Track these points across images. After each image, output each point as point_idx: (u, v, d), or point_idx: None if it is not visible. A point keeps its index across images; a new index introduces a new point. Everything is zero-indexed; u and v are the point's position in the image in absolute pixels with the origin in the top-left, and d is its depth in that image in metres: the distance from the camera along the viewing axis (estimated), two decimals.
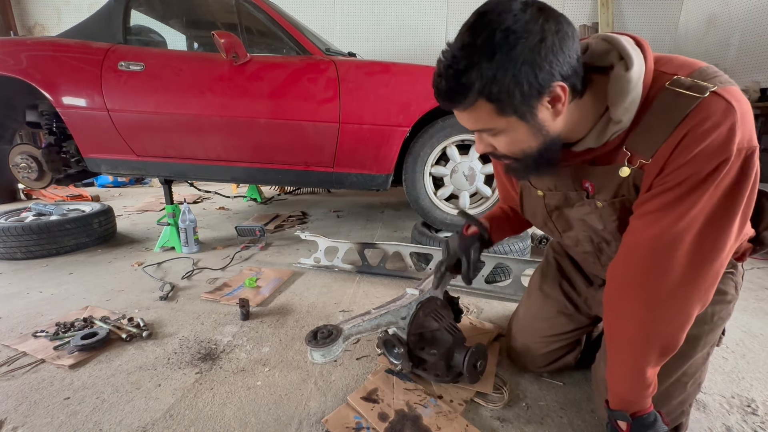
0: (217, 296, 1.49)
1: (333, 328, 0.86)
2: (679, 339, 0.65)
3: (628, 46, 0.59)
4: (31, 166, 2.18)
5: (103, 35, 1.96)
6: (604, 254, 0.82)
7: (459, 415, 0.86)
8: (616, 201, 0.68)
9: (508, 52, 0.52)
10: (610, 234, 0.74)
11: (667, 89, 0.57)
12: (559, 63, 0.55)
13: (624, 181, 0.65)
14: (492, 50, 0.53)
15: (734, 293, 0.75)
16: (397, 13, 4.34)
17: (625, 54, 0.59)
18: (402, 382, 0.97)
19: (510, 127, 0.60)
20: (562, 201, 0.78)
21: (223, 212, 3.15)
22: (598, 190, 0.70)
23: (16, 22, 4.65)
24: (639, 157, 0.61)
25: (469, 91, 0.56)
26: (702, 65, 0.59)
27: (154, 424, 0.85)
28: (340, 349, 0.85)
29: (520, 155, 0.65)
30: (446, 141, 1.87)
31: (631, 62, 0.58)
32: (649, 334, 0.65)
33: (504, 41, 0.52)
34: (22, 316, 1.34)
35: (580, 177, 0.72)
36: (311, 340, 0.84)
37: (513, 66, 0.53)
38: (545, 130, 0.61)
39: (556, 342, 0.99)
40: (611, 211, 0.70)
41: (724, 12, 3.51)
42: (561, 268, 1.02)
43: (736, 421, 0.88)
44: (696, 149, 0.54)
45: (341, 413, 0.87)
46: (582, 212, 0.75)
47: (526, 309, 1.06)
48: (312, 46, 1.91)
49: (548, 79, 0.55)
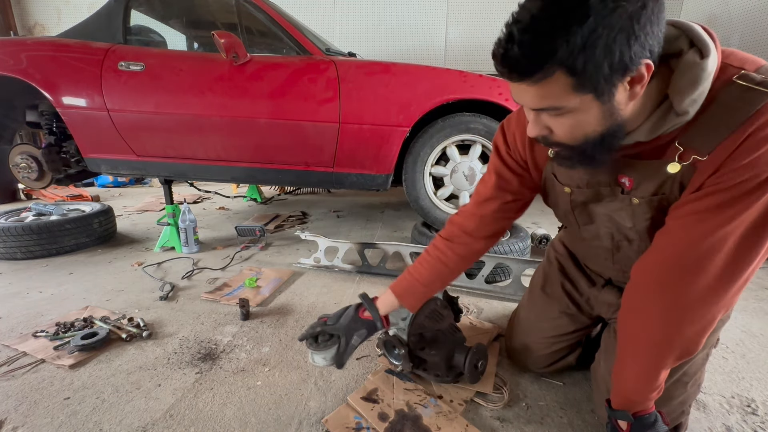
0: (217, 296, 1.49)
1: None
2: (699, 343, 0.63)
3: (703, 34, 0.54)
4: (31, 166, 2.18)
5: (103, 35, 1.96)
6: (621, 252, 0.79)
7: (459, 415, 0.86)
8: (655, 199, 0.64)
9: (606, 17, 0.45)
10: (637, 233, 0.71)
11: (734, 83, 0.53)
12: (653, 36, 0.48)
13: (669, 178, 0.61)
14: (585, 12, 0.45)
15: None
16: (397, 13, 4.33)
17: (700, 41, 0.53)
18: (402, 382, 0.97)
19: (581, 108, 0.53)
20: (591, 197, 0.73)
21: (223, 212, 3.15)
22: (637, 186, 0.65)
23: (16, 22, 4.64)
24: (693, 153, 0.57)
25: (550, 60, 0.48)
26: (766, 62, 0.55)
27: (154, 424, 0.85)
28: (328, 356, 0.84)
29: (578, 141, 0.58)
30: (446, 141, 1.88)
31: (708, 50, 0.53)
32: (672, 337, 0.63)
33: (601, 3, 0.44)
34: (22, 316, 1.34)
35: (617, 171, 0.67)
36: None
37: (608, 34, 0.45)
38: (617, 114, 0.54)
39: (557, 343, 0.98)
40: (647, 209, 0.66)
41: (724, 12, 3.51)
42: (563, 268, 1.02)
43: (736, 421, 0.88)
44: (760, 150, 0.51)
45: (341, 413, 0.87)
46: (611, 208, 0.72)
47: (528, 310, 1.06)
48: (312, 46, 1.91)
49: (639, 54, 0.48)
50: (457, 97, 1.79)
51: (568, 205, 0.79)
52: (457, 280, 1.61)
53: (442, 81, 1.82)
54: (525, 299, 1.10)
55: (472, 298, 1.52)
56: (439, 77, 1.84)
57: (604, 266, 0.91)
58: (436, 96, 1.80)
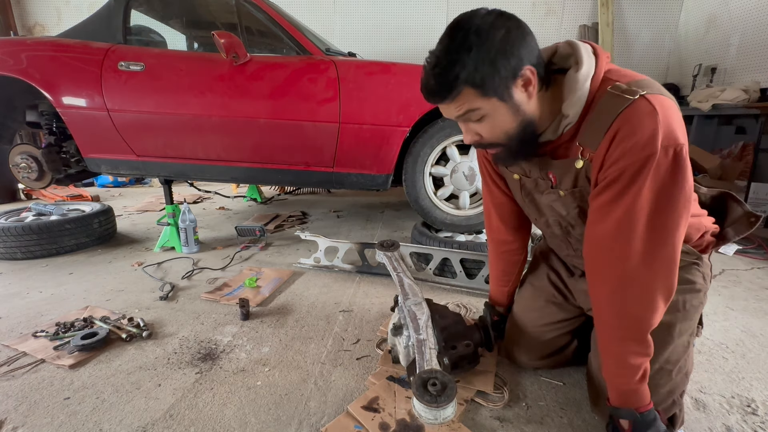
0: (217, 296, 1.49)
1: (445, 379, 0.79)
2: (648, 322, 0.69)
3: (584, 52, 0.69)
4: (31, 166, 2.18)
5: (103, 35, 1.96)
6: (572, 236, 0.89)
7: (462, 425, 0.84)
8: (576, 191, 0.77)
9: (482, 45, 0.62)
10: (573, 219, 0.83)
11: (608, 92, 0.66)
12: (526, 50, 0.65)
13: (579, 173, 0.74)
14: (469, 46, 0.62)
15: (703, 282, 0.82)
16: (398, 13, 4.33)
17: (579, 58, 0.69)
18: (404, 390, 0.95)
19: (492, 110, 0.68)
20: (534, 186, 0.86)
21: (223, 212, 3.15)
22: (560, 181, 0.79)
23: (16, 22, 4.64)
24: (588, 151, 0.70)
25: (456, 82, 0.64)
26: (643, 78, 0.68)
27: (154, 424, 0.85)
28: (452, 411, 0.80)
29: (503, 139, 0.72)
30: (446, 141, 1.88)
31: (581, 64, 0.68)
32: (621, 317, 0.70)
33: (477, 38, 0.62)
34: (22, 316, 1.34)
35: (545, 168, 0.80)
36: (423, 393, 0.77)
37: (488, 55, 0.62)
38: (522, 110, 0.69)
39: (549, 332, 1.01)
40: (572, 199, 0.79)
41: (724, 12, 3.50)
42: (547, 260, 1.08)
43: (736, 421, 0.88)
44: (626, 144, 0.63)
45: (341, 422, 0.85)
46: (549, 199, 0.84)
47: (518, 302, 1.10)
48: (312, 46, 1.91)
49: (519, 64, 0.64)
50: None
51: (519, 193, 0.91)
52: (458, 280, 1.61)
53: None
54: (517, 294, 1.14)
55: (472, 298, 1.52)
56: None
57: (567, 253, 0.98)
58: None
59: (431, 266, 1.65)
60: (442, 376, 0.82)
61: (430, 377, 0.81)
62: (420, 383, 0.81)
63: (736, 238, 0.85)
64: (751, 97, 2.82)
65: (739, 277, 1.77)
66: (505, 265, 1.10)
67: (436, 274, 1.66)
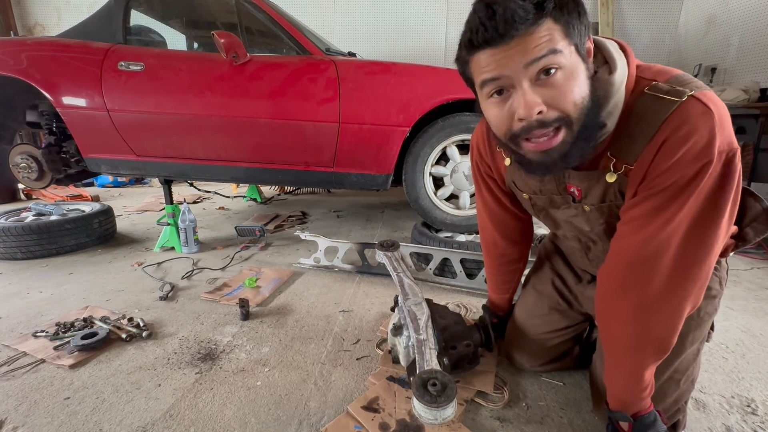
0: (216, 296, 1.49)
1: (445, 379, 0.78)
2: (671, 342, 0.65)
3: (613, 50, 0.60)
4: (31, 166, 2.18)
5: (103, 35, 1.96)
6: (591, 252, 0.84)
7: (462, 425, 0.84)
8: (604, 206, 0.69)
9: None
10: (597, 235, 0.77)
11: (646, 94, 0.58)
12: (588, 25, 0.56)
13: (610, 187, 0.66)
14: None
15: (719, 288, 0.77)
16: (398, 13, 4.33)
17: (609, 57, 0.60)
18: (404, 390, 0.95)
19: (570, 64, 0.54)
20: (548, 203, 0.80)
21: (223, 212, 3.15)
22: (585, 195, 0.71)
23: (16, 22, 4.64)
24: (623, 163, 0.62)
25: (545, 3, 0.51)
26: (679, 72, 0.60)
27: (154, 424, 0.85)
28: (452, 411, 0.79)
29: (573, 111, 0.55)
30: (446, 141, 1.87)
31: (615, 66, 0.59)
32: (642, 338, 0.65)
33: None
34: (22, 316, 1.34)
35: (564, 181, 0.72)
36: (423, 393, 0.77)
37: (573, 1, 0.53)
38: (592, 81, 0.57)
39: (551, 339, 0.99)
40: (598, 215, 0.72)
41: (724, 12, 3.51)
42: (552, 265, 1.04)
43: (736, 421, 0.88)
44: (677, 153, 0.55)
45: (341, 423, 0.85)
46: (568, 214, 0.77)
47: (520, 307, 1.07)
48: (312, 46, 1.91)
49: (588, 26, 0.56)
50: (457, 97, 1.79)
51: (531, 209, 0.86)
52: (458, 281, 1.61)
53: (442, 81, 1.82)
54: (519, 297, 1.11)
55: (472, 298, 1.52)
56: (439, 77, 1.84)
57: (583, 263, 0.94)
58: (436, 96, 1.80)
59: (431, 266, 1.65)
60: (442, 376, 0.82)
61: (430, 377, 0.81)
62: (420, 383, 0.81)
63: (756, 239, 0.74)
64: (750, 97, 2.82)
65: (739, 277, 1.77)
66: (504, 275, 1.06)
67: (436, 274, 1.66)
